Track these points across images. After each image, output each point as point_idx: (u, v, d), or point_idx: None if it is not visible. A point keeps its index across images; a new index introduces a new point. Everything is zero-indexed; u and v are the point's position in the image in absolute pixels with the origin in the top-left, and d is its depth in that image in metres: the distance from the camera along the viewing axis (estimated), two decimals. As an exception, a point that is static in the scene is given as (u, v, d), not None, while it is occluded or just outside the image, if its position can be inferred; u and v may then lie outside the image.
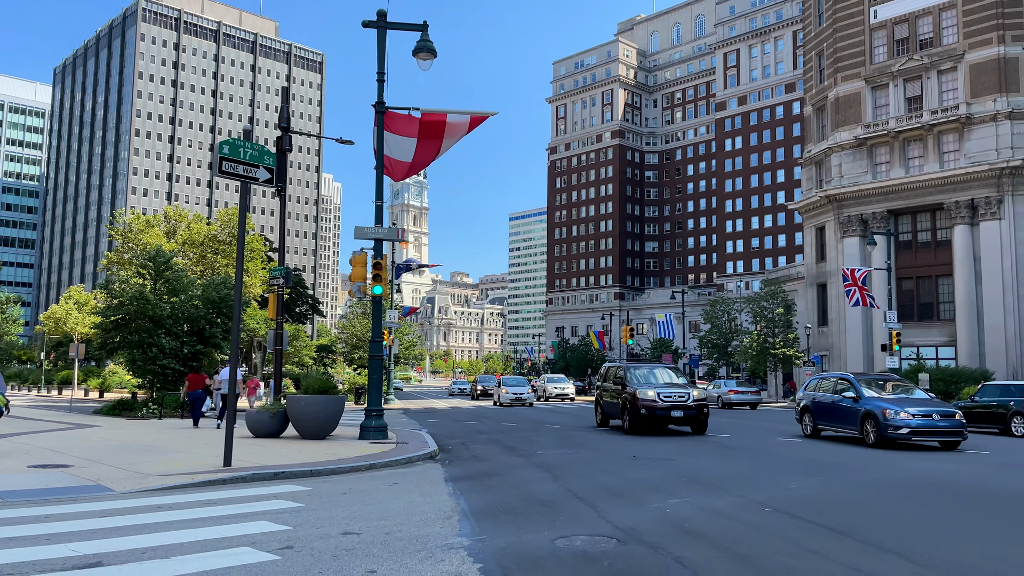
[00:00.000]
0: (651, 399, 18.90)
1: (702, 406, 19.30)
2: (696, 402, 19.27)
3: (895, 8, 55.79)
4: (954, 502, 8.62)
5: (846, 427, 17.87)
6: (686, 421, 19.24)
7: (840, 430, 18.21)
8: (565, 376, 51.51)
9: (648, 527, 6.96)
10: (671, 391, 19.25)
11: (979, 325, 50.29)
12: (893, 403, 16.59)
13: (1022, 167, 48.99)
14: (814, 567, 5.63)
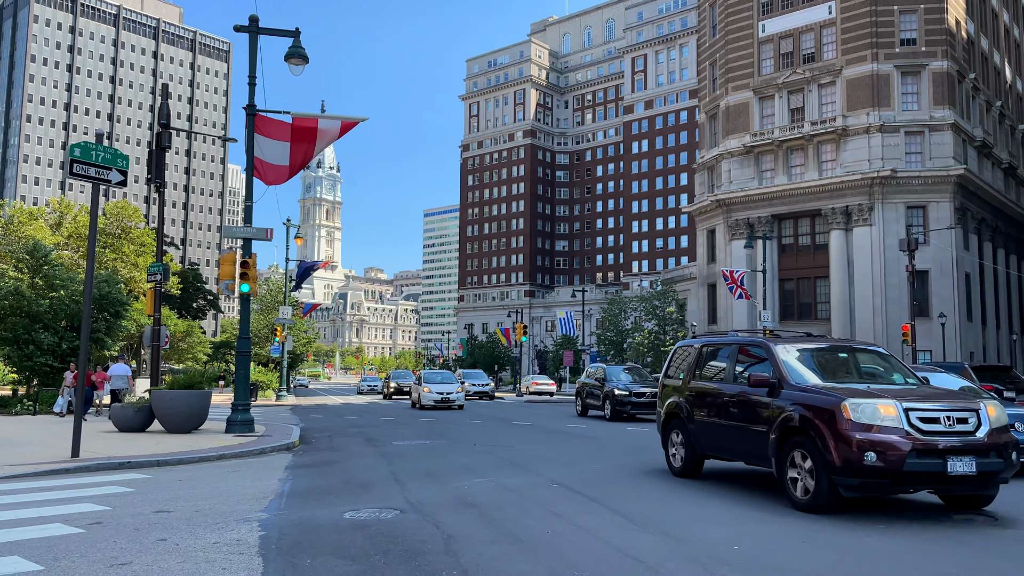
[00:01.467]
0: None
1: None
2: None
3: (781, 23, 59.10)
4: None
5: None
6: None
7: None
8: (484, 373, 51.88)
9: (435, 501, 7.92)
10: None
11: (851, 324, 53.93)
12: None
13: (891, 177, 52.82)
14: (546, 523, 6.72)
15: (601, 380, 24.39)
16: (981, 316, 56.28)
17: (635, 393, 22.77)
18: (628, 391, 22.91)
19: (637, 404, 22.75)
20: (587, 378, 26.21)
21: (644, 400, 22.51)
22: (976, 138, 56.06)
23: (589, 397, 25.15)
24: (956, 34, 55.08)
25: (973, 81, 57.06)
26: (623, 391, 22.86)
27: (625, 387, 23.19)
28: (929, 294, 52.33)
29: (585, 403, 25.57)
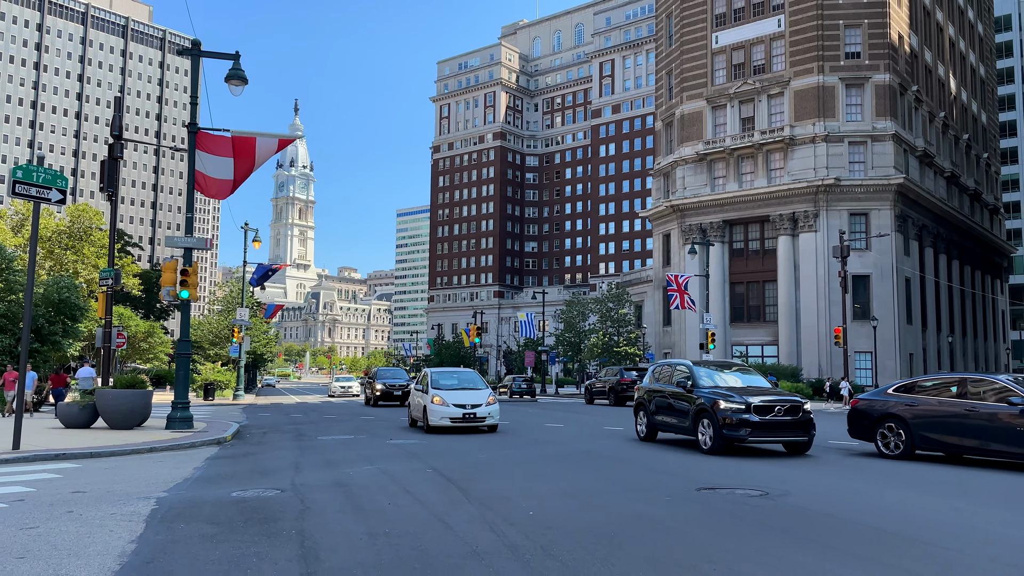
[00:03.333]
0: None
1: None
2: None
3: (733, 35, 61.13)
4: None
5: None
6: None
7: None
8: None
9: (315, 483, 9.32)
10: None
11: (797, 326, 56.03)
12: None
13: (835, 185, 55.01)
14: (394, 499, 8.14)
15: (687, 385, 14.65)
16: (921, 319, 58.66)
17: (757, 408, 13.17)
18: (744, 404, 13.20)
19: (761, 427, 13.09)
20: (657, 381, 16.45)
21: (773, 420, 13.18)
22: (918, 148, 58.46)
23: (664, 412, 15.44)
24: (899, 48, 57.41)
25: (916, 93, 59.44)
26: (735, 404, 13.22)
27: (739, 399, 13.37)
28: (870, 298, 54.58)
29: (654, 421, 15.88)
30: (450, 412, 17.74)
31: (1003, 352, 77.19)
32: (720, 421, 13.16)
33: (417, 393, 19.88)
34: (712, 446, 13.38)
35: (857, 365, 53.62)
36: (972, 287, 70.49)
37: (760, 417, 13.08)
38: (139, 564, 5.46)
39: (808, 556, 5.82)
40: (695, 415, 13.94)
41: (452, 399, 18.00)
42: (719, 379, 14.94)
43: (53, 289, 30.63)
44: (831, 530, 6.83)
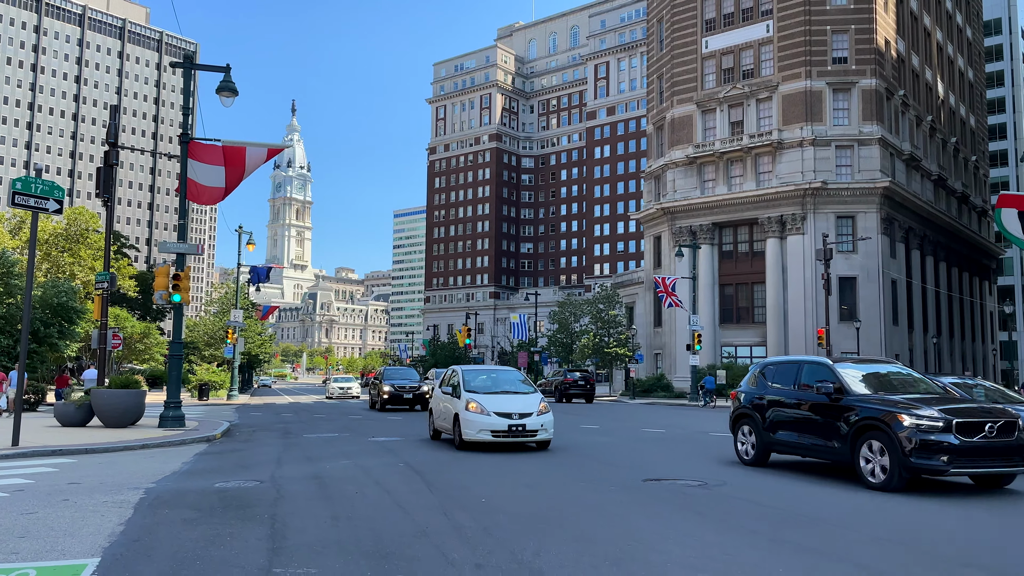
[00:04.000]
0: None
1: None
2: None
3: (723, 40, 61.94)
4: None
5: None
6: None
7: None
8: None
9: (293, 475, 10.07)
10: None
11: (785, 327, 56.82)
12: None
13: (822, 188, 55.80)
14: (363, 489, 8.89)
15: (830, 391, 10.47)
16: (908, 320, 59.49)
17: (960, 426, 9.33)
18: (940, 420, 9.32)
19: (966, 453, 9.25)
20: (772, 383, 12.01)
21: (982, 444, 9.33)
22: (904, 152, 59.29)
23: (789, 427, 11.28)
24: (886, 53, 58.23)
25: (902, 97, 60.26)
26: (926, 420, 9.28)
27: (929, 410, 9.38)
28: (857, 300, 55.39)
29: (770, 440, 11.67)
30: (491, 423, 13.63)
31: (990, 353, 78.03)
32: (902, 444, 9.10)
33: (445, 398, 15.32)
34: (888, 480, 9.31)
35: (844, 366, 54.40)
36: (960, 289, 71.34)
37: (963, 439, 8.99)
38: (126, 542, 6.20)
39: (722, 537, 6.56)
40: (854, 434, 9.77)
41: (492, 406, 13.90)
42: (870, 384, 10.67)
43: (51, 293, 31.37)
44: (756, 516, 7.57)
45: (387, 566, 5.41)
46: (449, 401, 14.89)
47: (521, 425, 13.62)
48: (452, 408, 14.53)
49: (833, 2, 57.44)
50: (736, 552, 5.96)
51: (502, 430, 13.56)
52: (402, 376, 31.79)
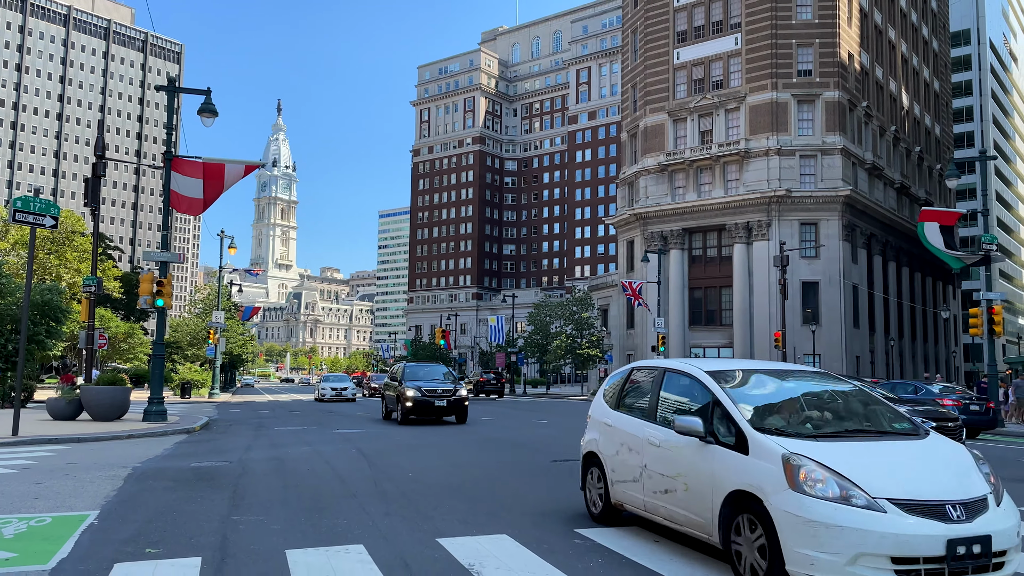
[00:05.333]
0: None
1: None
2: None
3: (694, 52, 64.03)
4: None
5: None
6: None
7: None
8: None
9: (258, 458, 11.85)
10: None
11: (751, 330, 58.96)
12: None
13: (786, 196, 57.98)
14: (314, 468, 10.68)
15: None
16: (869, 323, 61.77)
17: None
18: None
19: None
20: None
21: None
22: (866, 161, 61.60)
23: None
24: (849, 66, 60.50)
25: (866, 108, 62.56)
26: None
27: None
28: (819, 303, 57.60)
29: None
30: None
31: (951, 355, 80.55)
32: None
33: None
34: None
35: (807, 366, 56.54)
36: (923, 293, 73.79)
37: None
38: (119, 501, 7.96)
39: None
40: None
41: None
42: None
43: (37, 291, 32.82)
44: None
45: (317, 514, 7.22)
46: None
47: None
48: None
49: (798, 17, 59.63)
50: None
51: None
52: (429, 375, 22.40)
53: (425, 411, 20.44)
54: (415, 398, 20.26)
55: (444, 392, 20.74)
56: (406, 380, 21.33)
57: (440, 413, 20.75)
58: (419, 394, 20.34)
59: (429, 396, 20.41)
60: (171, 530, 6.51)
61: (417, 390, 20.46)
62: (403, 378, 21.60)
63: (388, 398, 22.74)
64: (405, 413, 20.49)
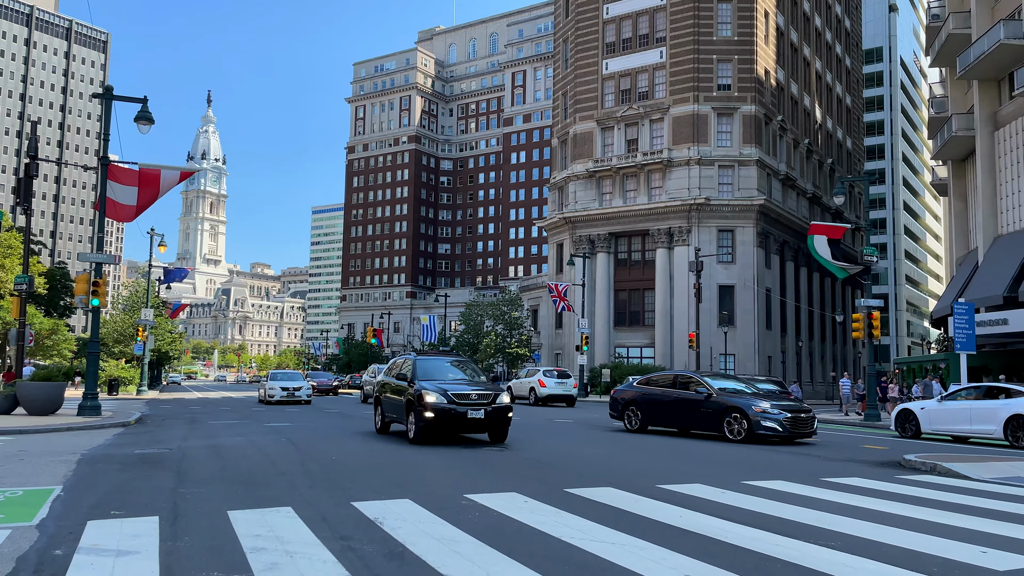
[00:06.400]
0: None
1: None
2: None
3: (621, 63, 66.61)
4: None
5: None
6: None
7: None
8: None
9: (196, 446, 13.11)
10: None
11: (671, 330, 61.83)
12: None
13: (705, 204, 61.01)
14: (247, 454, 12.01)
15: None
16: (780, 325, 65.44)
17: None
18: None
19: None
20: None
21: None
22: (780, 172, 65.22)
23: None
24: (766, 81, 63.97)
25: (780, 122, 66.20)
26: None
27: None
28: (734, 306, 60.86)
29: None
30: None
31: (857, 356, 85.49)
32: None
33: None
34: None
35: (722, 366, 59.70)
36: (832, 297, 78.21)
37: None
38: (77, 479, 9.21)
39: (493, 479, 10.03)
40: None
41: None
42: None
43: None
44: (531, 467, 11.09)
45: (252, 487, 8.66)
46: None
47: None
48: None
49: (719, 33, 62.77)
50: (476, 476, 9.45)
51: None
52: (451, 373, 15.83)
53: (453, 425, 14.00)
54: (439, 407, 13.76)
55: (481, 398, 14.12)
56: (421, 378, 14.78)
57: (473, 428, 14.27)
58: (444, 401, 13.83)
59: (460, 404, 13.91)
60: (128, 499, 7.85)
61: (442, 395, 13.88)
62: (415, 375, 14.95)
63: (389, 404, 16.09)
64: (425, 428, 13.87)
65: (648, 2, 65.16)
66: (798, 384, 48.29)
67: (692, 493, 8.63)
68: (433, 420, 13.78)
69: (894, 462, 12.36)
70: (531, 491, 8.53)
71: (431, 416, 13.78)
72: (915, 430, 18.63)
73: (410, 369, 15.48)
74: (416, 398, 14.11)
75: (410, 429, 14.44)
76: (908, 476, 10.71)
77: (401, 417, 15.25)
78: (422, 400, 13.91)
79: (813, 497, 8.52)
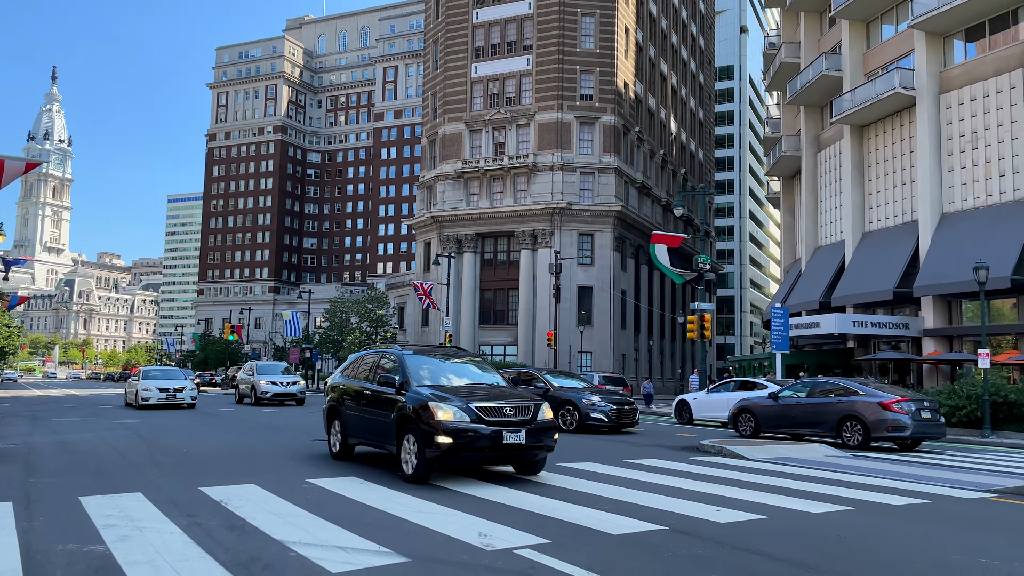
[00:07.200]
0: None
1: None
2: None
3: (490, 68, 68.23)
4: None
5: None
6: None
7: None
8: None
9: (43, 441, 13.21)
10: None
11: (533, 329, 64.10)
12: None
13: (567, 208, 63.67)
14: (96, 448, 12.36)
15: None
16: (634, 325, 69.31)
17: None
18: None
19: None
20: None
21: None
22: (637, 180, 69.03)
23: None
24: (625, 94, 67.49)
25: (638, 133, 70.02)
26: None
27: None
28: (593, 306, 63.93)
29: None
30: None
31: (704, 354, 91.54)
32: None
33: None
34: None
35: (580, 363, 62.57)
36: (683, 299, 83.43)
37: None
38: (-82, 474, 9.39)
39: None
40: None
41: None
42: None
43: None
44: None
45: (103, 477, 9.20)
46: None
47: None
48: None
49: (582, 45, 65.66)
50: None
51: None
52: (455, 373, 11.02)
53: (480, 453, 9.34)
54: (459, 427, 9.18)
55: (518, 413, 9.55)
56: (418, 382, 10.16)
57: (508, 458, 9.75)
58: (467, 418, 9.27)
59: (490, 422, 9.31)
60: (-23, 490, 8.25)
61: (462, 409, 9.32)
62: (408, 377, 10.24)
63: (358, 419, 11.10)
64: (437, 460, 9.29)
65: (516, 10, 67.15)
66: (649, 379, 51.60)
67: (510, 471, 9.95)
68: (451, 447, 9.04)
69: (693, 447, 14.31)
70: (366, 475, 9.55)
71: (447, 442, 9.03)
72: (688, 417, 21.66)
73: (396, 368, 10.61)
74: (417, 413, 9.39)
75: (406, 460, 9.50)
76: (699, 458, 12.57)
77: (383, 439, 10.30)
78: (431, 416, 9.17)
79: (612, 475, 10.07)
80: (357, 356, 12.22)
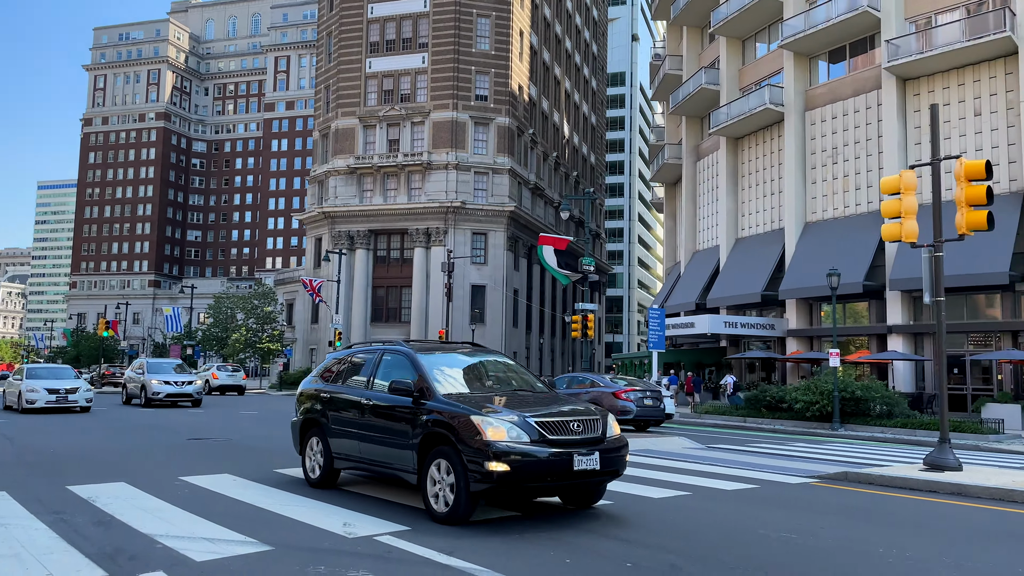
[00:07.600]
0: None
1: None
2: None
3: (385, 63, 67.84)
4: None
5: None
6: None
7: None
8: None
9: None
10: None
11: (426, 327, 64.28)
12: None
13: (461, 208, 64.16)
14: (48, 440, 11.99)
15: None
16: (526, 323, 70.65)
17: None
18: None
19: None
20: None
21: None
22: (530, 181, 70.34)
23: None
24: (519, 96, 68.62)
25: (532, 135, 71.34)
26: None
27: None
28: (485, 305, 64.74)
29: None
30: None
31: (593, 352, 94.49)
32: None
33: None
34: None
35: (471, 361, 63.19)
36: (574, 298, 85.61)
37: None
38: None
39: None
40: None
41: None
42: None
43: None
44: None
45: (-37, 479, 9.02)
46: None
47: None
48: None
49: (478, 46, 66.29)
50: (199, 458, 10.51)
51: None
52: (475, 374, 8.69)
53: (542, 484, 7.09)
54: (518, 450, 6.82)
55: (586, 428, 7.34)
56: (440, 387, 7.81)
57: (572, 490, 7.71)
58: (525, 438, 6.94)
59: (556, 443, 7.05)
60: None
61: (519, 426, 6.99)
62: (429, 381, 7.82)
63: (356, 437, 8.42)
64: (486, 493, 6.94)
65: (412, 7, 67.06)
66: (537, 377, 52.63)
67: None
68: (507, 477, 6.72)
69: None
70: (240, 471, 9.77)
71: (502, 470, 6.70)
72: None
73: (408, 371, 8.08)
74: (452, 430, 7.07)
75: (436, 495, 7.16)
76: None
77: (394, 465, 7.78)
78: (475, 435, 6.87)
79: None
80: (340, 355, 9.66)
